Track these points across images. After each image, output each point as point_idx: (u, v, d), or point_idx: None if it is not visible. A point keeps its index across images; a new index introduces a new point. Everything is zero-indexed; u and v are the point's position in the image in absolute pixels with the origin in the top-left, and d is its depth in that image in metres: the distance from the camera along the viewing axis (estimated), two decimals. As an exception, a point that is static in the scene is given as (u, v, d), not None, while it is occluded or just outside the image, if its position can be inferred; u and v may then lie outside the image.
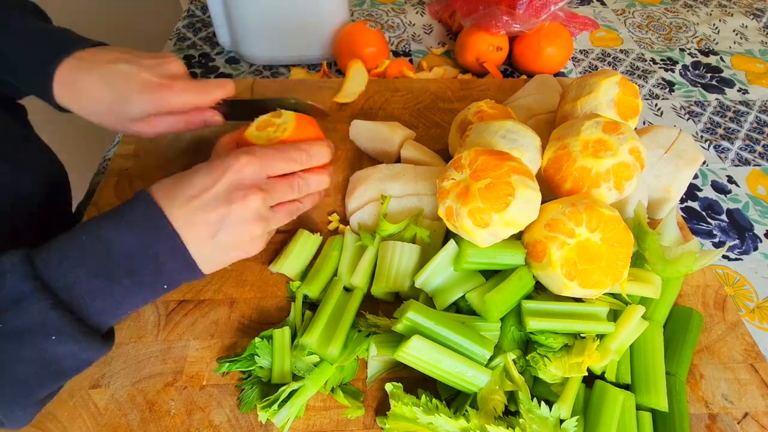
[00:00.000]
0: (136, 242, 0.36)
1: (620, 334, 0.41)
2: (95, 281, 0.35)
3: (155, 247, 0.37)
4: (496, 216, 0.40)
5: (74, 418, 0.40)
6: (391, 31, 0.92)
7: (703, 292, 0.50)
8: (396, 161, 0.59)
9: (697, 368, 0.45)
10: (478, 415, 0.38)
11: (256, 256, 0.51)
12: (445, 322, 0.40)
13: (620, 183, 0.43)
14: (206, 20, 0.93)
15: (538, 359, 0.40)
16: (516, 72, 0.83)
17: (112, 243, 0.36)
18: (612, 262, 0.40)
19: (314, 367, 0.42)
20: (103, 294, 0.35)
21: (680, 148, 0.53)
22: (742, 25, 0.96)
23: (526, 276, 0.42)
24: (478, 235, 0.41)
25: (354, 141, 0.62)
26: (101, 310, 0.36)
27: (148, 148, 0.61)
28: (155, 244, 0.37)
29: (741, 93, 0.81)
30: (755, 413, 0.42)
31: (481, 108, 0.55)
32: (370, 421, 0.41)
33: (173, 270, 0.38)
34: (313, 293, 0.46)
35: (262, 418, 0.39)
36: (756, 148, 0.72)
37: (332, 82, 0.72)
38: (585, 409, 0.39)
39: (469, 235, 0.41)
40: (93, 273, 0.35)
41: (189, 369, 0.43)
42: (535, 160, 0.47)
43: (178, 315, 0.46)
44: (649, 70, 0.85)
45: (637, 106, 0.51)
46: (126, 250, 0.36)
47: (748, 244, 0.60)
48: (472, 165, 0.41)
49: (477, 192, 0.40)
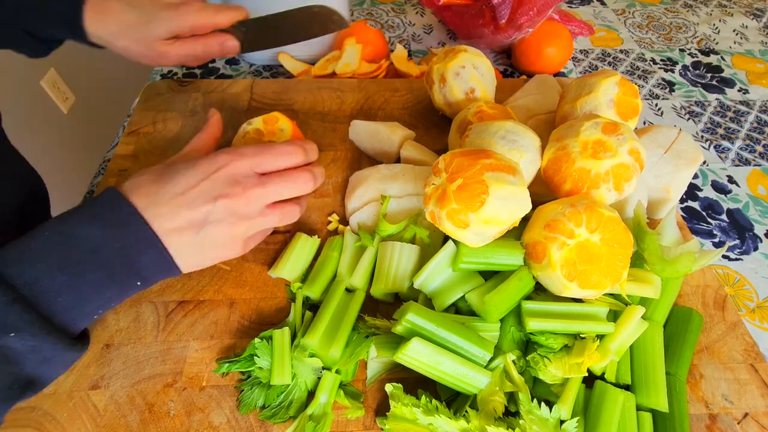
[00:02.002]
0: (102, 235, 0.35)
1: (620, 334, 0.41)
2: (59, 276, 0.34)
3: (122, 240, 0.36)
4: (472, 215, 0.39)
5: (73, 419, 0.40)
6: (391, 31, 0.92)
7: (703, 292, 0.50)
8: (396, 161, 0.59)
9: (697, 368, 0.45)
10: (478, 416, 0.38)
11: (256, 257, 0.51)
12: (444, 323, 0.39)
13: (619, 184, 0.43)
14: (206, 20, 0.92)
15: (538, 360, 0.40)
16: (516, 72, 0.83)
17: (75, 237, 0.35)
18: (612, 262, 0.40)
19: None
20: (70, 290, 0.34)
21: (680, 148, 0.52)
22: (742, 25, 0.96)
23: (526, 277, 0.42)
24: (463, 236, 0.41)
25: (353, 141, 0.62)
26: (67, 307, 0.34)
27: (147, 149, 0.61)
28: (122, 236, 0.36)
29: (741, 93, 0.81)
30: (755, 413, 0.42)
31: (480, 108, 0.55)
32: (370, 421, 0.41)
33: (146, 266, 0.37)
34: (314, 294, 0.46)
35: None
36: (756, 148, 0.72)
37: (332, 82, 0.72)
38: (585, 409, 0.39)
39: (454, 236, 0.41)
40: (56, 267, 0.34)
41: (188, 370, 0.43)
42: (534, 160, 0.47)
43: (177, 316, 0.46)
44: (649, 70, 0.85)
45: (636, 107, 0.51)
46: (91, 244, 0.35)
47: (748, 244, 0.60)
48: (448, 168, 0.41)
49: (452, 194, 0.40)
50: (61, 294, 0.34)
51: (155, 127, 0.64)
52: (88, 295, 0.35)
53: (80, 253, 0.34)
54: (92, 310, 0.36)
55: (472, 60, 0.59)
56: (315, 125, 0.65)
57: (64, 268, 0.34)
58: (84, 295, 0.35)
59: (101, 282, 0.35)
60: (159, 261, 0.37)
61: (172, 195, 0.38)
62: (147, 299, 0.47)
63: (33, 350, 0.33)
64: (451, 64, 0.59)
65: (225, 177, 0.39)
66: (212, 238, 0.39)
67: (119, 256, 0.35)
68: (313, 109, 0.67)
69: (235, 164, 0.40)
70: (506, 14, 0.75)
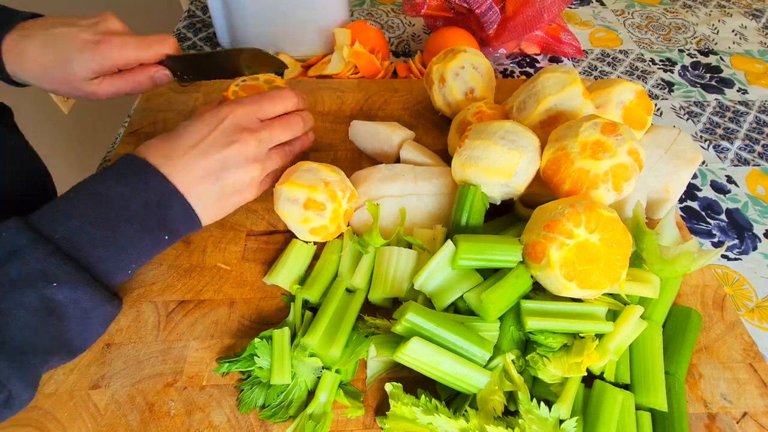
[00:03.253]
0: (127, 192, 0.38)
1: (619, 333, 0.41)
2: (93, 230, 0.36)
3: (146, 195, 0.38)
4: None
5: (74, 418, 0.40)
6: (391, 32, 0.92)
7: (702, 292, 0.50)
8: (396, 161, 0.59)
9: (696, 368, 0.45)
10: (478, 415, 0.38)
11: (256, 257, 0.51)
12: (444, 323, 0.40)
13: (619, 184, 0.43)
14: (206, 20, 0.93)
15: (538, 359, 0.40)
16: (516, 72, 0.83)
17: (103, 196, 0.37)
18: (611, 262, 0.40)
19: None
20: (105, 242, 0.36)
21: (679, 148, 0.53)
22: (741, 26, 0.96)
23: (524, 275, 0.42)
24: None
25: (353, 141, 0.62)
26: (104, 258, 0.37)
27: (147, 149, 0.61)
28: (145, 192, 0.38)
29: (740, 93, 0.81)
30: (754, 413, 0.42)
31: (480, 108, 0.55)
32: (369, 421, 0.41)
33: (172, 218, 0.40)
34: (313, 297, 0.46)
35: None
36: (755, 148, 0.72)
37: (332, 82, 0.72)
38: (584, 409, 0.39)
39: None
40: (88, 223, 0.36)
41: (189, 369, 0.43)
42: (534, 160, 0.47)
43: (178, 315, 0.46)
44: (648, 70, 0.85)
45: (645, 121, 0.51)
46: (120, 201, 0.37)
47: (747, 244, 0.60)
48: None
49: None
50: (96, 247, 0.36)
51: (155, 127, 0.64)
52: (124, 247, 0.38)
53: (110, 210, 0.37)
54: (127, 263, 0.39)
55: (472, 60, 0.59)
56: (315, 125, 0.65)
57: (96, 223, 0.36)
58: (120, 247, 0.37)
59: (133, 235, 0.38)
60: (182, 213, 0.40)
61: (186, 148, 0.40)
62: (147, 299, 0.47)
63: (74, 302, 0.35)
64: (451, 65, 0.59)
65: (232, 125, 0.42)
66: (230, 184, 0.42)
67: (146, 210, 0.38)
68: (313, 109, 0.68)
69: (238, 113, 0.43)
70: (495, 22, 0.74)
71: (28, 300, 0.33)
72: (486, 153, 0.46)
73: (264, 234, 0.53)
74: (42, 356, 0.35)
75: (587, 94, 0.50)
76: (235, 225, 0.54)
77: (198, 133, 0.41)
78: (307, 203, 0.46)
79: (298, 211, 0.46)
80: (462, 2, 0.73)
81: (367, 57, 0.76)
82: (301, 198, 0.46)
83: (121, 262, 0.38)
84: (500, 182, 0.46)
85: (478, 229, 0.47)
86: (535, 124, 0.51)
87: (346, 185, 0.49)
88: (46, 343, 0.35)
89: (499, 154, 0.45)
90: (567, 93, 0.49)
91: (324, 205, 0.46)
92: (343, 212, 0.49)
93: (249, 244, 0.52)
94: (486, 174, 0.46)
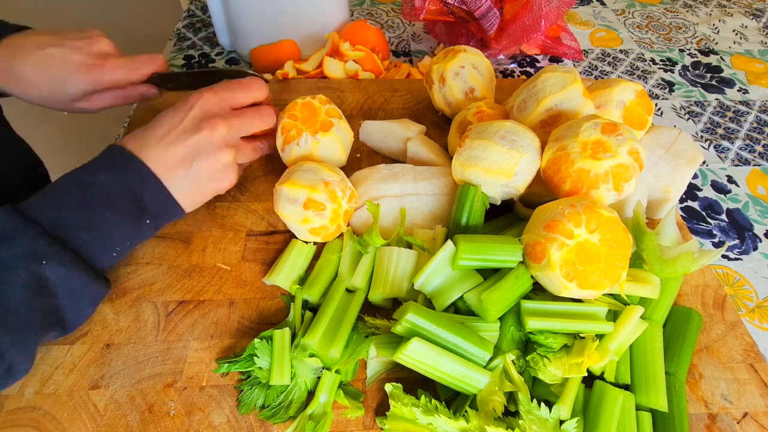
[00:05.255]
0: (109, 179, 0.40)
1: (619, 334, 0.41)
2: (78, 215, 0.38)
3: (126, 181, 0.40)
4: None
5: (74, 418, 0.40)
6: (390, 31, 0.92)
7: (702, 292, 0.50)
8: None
9: (696, 368, 0.45)
10: (478, 415, 0.38)
11: (256, 257, 0.51)
12: (444, 323, 0.40)
13: (619, 184, 0.43)
14: (206, 20, 0.93)
15: (538, 360, 0.40)
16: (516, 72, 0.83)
17: (87, 183, 0.40)
18: (611, 263, 0.40)
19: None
20: (90, 226, 0.39)
21: (679, 148, 0.53)
22: (741, 25, 0.96)
23: (524, 275, 0.42)
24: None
25: (364, 142, 0.62)
26: (88, 241, 0.39)
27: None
28: (125, 178, 0.40)
29: (741, 93, 0.81)
30: (755, 413, 0.42)
31: (480, 108, 0.55)
32: (369, 421, 0.41)
33: (152, 203, 0.41)
34: (313, 297, 0.46)
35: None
36: (756, 148, 0.72)
37: (332, 82, 0.72)
38: (585, 409, 0.39)
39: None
40: (74, 208, 0.38)
41: (188, 370, 0.43)
42: (534, 160, 0.47)
43: (177, 315, 0.46)
44: (648, 70, 0.85)
45: (645, 121, 0.51)
46: (102, 188, 0.39)
47: (747, 244, 0.60)
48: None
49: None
50: (81, 230, 0.38)
51: (155, 128, 0.64)
52: (106, 230, 0.40)
53: (93, 196, 0.39)
54: (111, 245, 0.41)
55: (472, 60, 0.59)
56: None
57: (81, 208, 0.39)
58: (102, 231, 0.39)
59: (114, 219, 0.40)
60: (160, 197, 0.42)
61: (160, 136, 0.42)
62: (147, 299, 0.47)
63: (63, 280, 0.37)
64: (451, 64, 0.59)
65: (202, 111, 0.44)
66: (204, 170, 0.43)
67: (127, 195, 0.40)
68: (313, 109, 0.67)
69: (208, 99, 0.44)
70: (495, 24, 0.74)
71: (20, 277, 0.35)
72: (486, 153, 0.46)
73: (264, 234, 0.53)
74: (37, 330, 0.37)
75: (587, 94, 0.50)
76: (235, 225, 0.54)
77: (170, 121, 0.43)
78: (307, 203, 0.46)
79: (298, 211, 0.46)
80: (461, 5, 0.73)
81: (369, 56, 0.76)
82: (301, 198, 0.46)
83: (105, 245, 0.40)
84: (500, 182, 0.46)
85: (478, 229, 0.47)
86: (535, 124, 0.51)
87: (346, 185, 0.49)
88: (40, 318, 0.37)
89: (499, 154, 0.45)
90: (567, 93, 0.49)
91: (324, 205, 0.46)
92: (343, 212, 0.49)
93: (249, 245, 0.52)
94: (486, 174, 0.46)
